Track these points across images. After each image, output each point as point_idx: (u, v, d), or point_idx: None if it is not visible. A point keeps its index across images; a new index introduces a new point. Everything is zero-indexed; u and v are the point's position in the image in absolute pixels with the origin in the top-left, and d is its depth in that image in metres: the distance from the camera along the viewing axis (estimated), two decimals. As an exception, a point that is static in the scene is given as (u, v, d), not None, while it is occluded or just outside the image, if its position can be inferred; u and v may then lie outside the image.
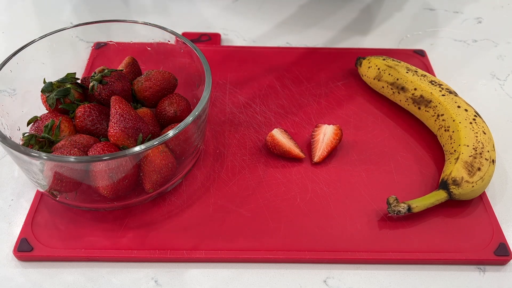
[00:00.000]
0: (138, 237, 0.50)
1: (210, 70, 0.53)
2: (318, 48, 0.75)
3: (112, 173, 0.47)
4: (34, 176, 0.48)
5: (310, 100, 0.66)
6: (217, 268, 0.49)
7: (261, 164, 0.57)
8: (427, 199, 0.52)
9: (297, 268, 0.49)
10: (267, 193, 0.54)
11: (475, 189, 0.52)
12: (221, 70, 0.70)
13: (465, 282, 0.48)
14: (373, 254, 0.49)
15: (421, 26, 0.82)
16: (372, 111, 0.65)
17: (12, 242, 0.50)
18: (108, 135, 0.49)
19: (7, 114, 0.52)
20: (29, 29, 0.79)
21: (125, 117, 0.49)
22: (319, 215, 0.52)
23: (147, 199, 0.53)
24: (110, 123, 0.49)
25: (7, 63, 0.53)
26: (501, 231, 0.51)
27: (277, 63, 0.71)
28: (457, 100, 0.59)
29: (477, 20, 0.84)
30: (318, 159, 0.57)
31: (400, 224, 0.52)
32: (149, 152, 0.48)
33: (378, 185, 0.56)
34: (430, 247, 0.50)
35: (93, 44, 0.69)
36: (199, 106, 0.49)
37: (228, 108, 0.64)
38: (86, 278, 0.48)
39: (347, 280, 0.48)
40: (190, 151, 0.53)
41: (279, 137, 0.57)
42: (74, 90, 0.55)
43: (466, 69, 0.74)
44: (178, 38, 0.57)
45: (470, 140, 0.54)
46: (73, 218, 0.52)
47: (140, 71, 0.60)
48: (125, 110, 0.49)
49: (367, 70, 0.66)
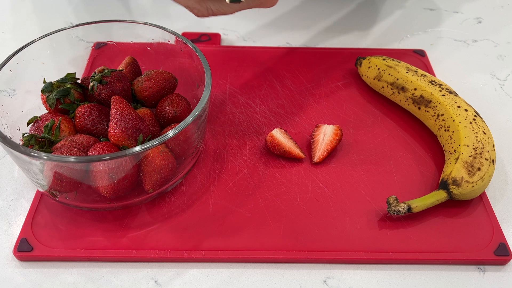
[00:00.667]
0: (138, 237, 0.50)
1: (210, 70, 0.53)
2: (318, 48, 0.75)
3: (112, 173, 0.47)
4: (34, 176, 0.48)
5: (310, 100, 0.66)
6: (217, 268, 0.49)
7: (261, 164, 0.57)
8: (427, 199, 0.52)
9: (297, 268, 0.49)
10: (267, 193, 0.54)
11: (475, 189, 0.52)
12: (221, 70, 0.70)
13: (465, 282, 0.48)
14: (373, 254, 0.49)
15: (421, 26, 0.82)
16: (372, 111, 0.65)
17: (12, 242, 0.50)
18: (108, 135, 0.49)
19: (7, 114, 0.52)
20: (29, 29, 0.79)
21: (125, 117, 0.49)
22: (319, 215, 0.52)
23: (147, 199, 0.53)
24: (110, 123, 0.49)
25: (7, 63, 0.53)
26: (501, 231, 0.51)
27: (277, 63, 0.71)
28: (457, 100, 0.59)
29: (477, 20, 0.84)
30: (318, 159, 0.57)
31: (400, 224, 0.52)
32: (149, 152, 0.48)
33: (378, 185, 0.56)
34: (430, 247, 0.50)
35: (93, 44, 0.69)
36: (199, 106, 0.49)
37: (228, 108, 0.64)
38: (86, 278, 0.48)
39: (347, 280, 0.48)
40: (190, 151, 0.53)
41: (279, 137, 0.57)
42: (74, 90, 0.55)
43: (466, 69, 0.74)
44: (178, 38, 0.57)
45: (470, 140, 0.54)
46: (73, 218, 0.52)
47: (140, 71, 0.60)
48: (126, 110, 0.49)
49: (367, 70, 0.66)
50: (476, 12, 0.86)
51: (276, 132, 0.57)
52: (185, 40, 0.57)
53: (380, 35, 0.80)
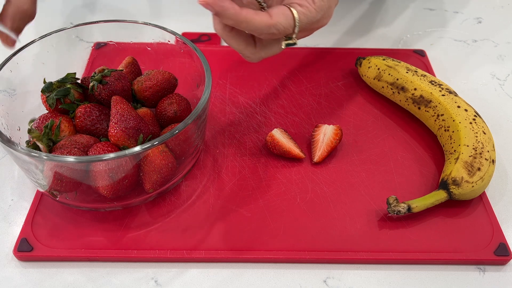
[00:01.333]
0: (138, 237, 0.50)
1: (210, 70, 0.53)
2: (318, 48, 0.75)
3: (112, 173, 0.47)
4: (34, 176, 0.48)
5: (310, 100, 0.66)
6: (217, 268, 0.49)
7: (261, 164, 0.57)
8: (427, 199, 0.52)
9: (297, 268, 0.49)
10: (267, 193, 0.54)
11: (475, 189, 0.52)
12: (221, 70, 0.70)
13: (465, 282, 0.48)
14: (373, 254, 0.49)
15: (421, 26, 0.82)
16: (372, 111, 0.65)
17: (12, 242, 0.50)
18: (108, 135, 0.49)
19: (7, 114, 0.52)
20: (29, 29, 0.79)
21: (126, 117, 0.49)
22: (319, 215, 0.52)
23: (147, 199, 0.53)
24: (110, 123, 0.49)
25: (7, 63, 0.53)
26: (501, 231, 0.51)
27: (277, 63, 0.71)
28: (457, 100, 0.59)
29: (477, 20, 0.84)
30: (318, 159, 0.57)
31: (400, 224, 0.52)
32: (149, 152, 0.48)
33: (378, 185, 0.56)
34: (430, 247, 0.50)
35: (93, 44, 0.69)
36: (199, 106, 0.49)
37: (228, 108, 0.64)
38: (86, 278, 0.48)
39: (347, 280, 0.48)
40: (190, 151, 0.53)
41: (279, 137, 0.57)
42: (74, 90, 0.55)
43: (466, 69, 0.74)
44: (178, 38, 0.57)
45: (470, 140, 0.54)
46: (73, 218, 0.52)
47: (140, 71, 0.60)
48: (126, 110, 0.49)
49: (367, 70, 0.66)
50: (476, 12, 0.86)
51: (276, 132, 0.57)
52: (185, 40, 0.57)
53: (380, 35, 0.80)
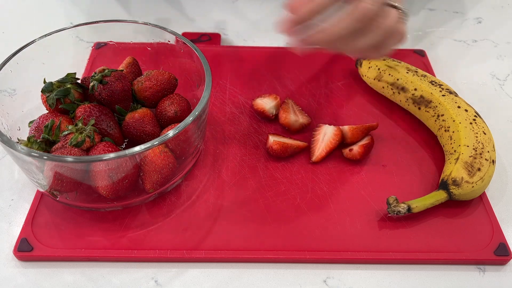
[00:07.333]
0: (138, 237, 0.50)
1: (210, 70, 0.53)
2: (318, 48, 0.75)
3: (112, 173, 0.47)
4: (34, 176, 0.48)
5: (310, 100, 0.66)
6: (217, 268, 0.49)
7: (261, 164, 0.57)
8: (427, 199, 0.52)
9: (297, 268, 0.49)
10: (267, 193, 0.54)
11: (475, 190, 0.52)
12: (221, 70, 0.70)
13: (465, 282, 0.48)
14: (373, 254, 0.49)
15: (421, 26, 0.82)
16: (372, 111, 0.65)
17: (12, 242, 0.50)
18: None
19: (7, 114, 0.52)
20: (29, 29, 0.79)
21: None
22: (319, 215, 0.52)
23: (147, 199, 0.53)
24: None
25: (7, 63, 0.53)
26: (501, 231, 0.51)
27: (277, 63, 0.71)
28: (457, 100, 0.59)
29: (477, 20, 0.84)
30: (316, 159, 0.57)
31: (400, 224, 0.52)
32: (149, 152, 0.48)
33: (378, 185, 0.56)
34: (430, 247, 0.50)
35: (93, 44, 0.69)
36: (199, 106, 0.49)
37: (228, 108, 0.64)
38: (86, 278, 0.48)
39: (347, 280, 0.48)
40: (190, 151, 0.53)
41: (283, 140, 0.57)
42: (74, 90, 0.55)
43: (466, 69, 0.74)
44: (178, 38, 0.57)
45: (470, 141, 0.54)
46: (73, 218, 0.52)
47: (140, 71, 0.60)
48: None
49: (367, 71, 0.66)
50: (476, 12, 0.86)
51: (277, 137, 0.57)
52: (185, 40, 0.57)
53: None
